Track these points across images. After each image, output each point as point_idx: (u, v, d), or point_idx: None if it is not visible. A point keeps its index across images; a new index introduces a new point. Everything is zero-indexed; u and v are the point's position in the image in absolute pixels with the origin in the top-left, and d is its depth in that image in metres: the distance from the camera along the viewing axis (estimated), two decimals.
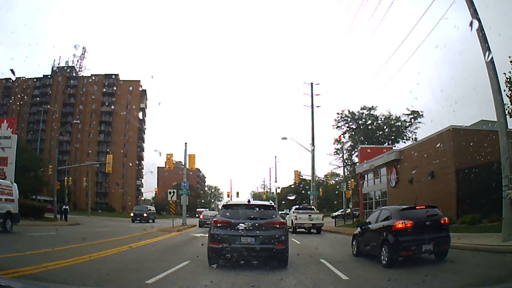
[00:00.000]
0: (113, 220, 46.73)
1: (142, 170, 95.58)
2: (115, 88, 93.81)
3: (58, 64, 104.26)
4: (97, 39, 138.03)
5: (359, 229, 12.15)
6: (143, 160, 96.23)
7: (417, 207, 10.36)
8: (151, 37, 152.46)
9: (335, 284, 7.70)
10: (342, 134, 52.39)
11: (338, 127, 52.22)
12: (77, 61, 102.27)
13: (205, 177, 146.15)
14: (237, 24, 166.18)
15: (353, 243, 12.20)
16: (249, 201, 10.34)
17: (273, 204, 10.75)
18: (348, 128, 52.48)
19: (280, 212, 25.63)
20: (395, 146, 51.63)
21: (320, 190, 74.98)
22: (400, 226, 9.53)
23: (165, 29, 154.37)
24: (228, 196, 77.25)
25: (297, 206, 29.26)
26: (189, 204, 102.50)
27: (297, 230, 24.66)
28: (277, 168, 79.37)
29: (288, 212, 31.84)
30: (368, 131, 50.82)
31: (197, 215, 66.64)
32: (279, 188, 78.37)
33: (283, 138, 35.39)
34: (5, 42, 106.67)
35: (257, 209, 9.73)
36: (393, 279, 7.88)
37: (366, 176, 36.73)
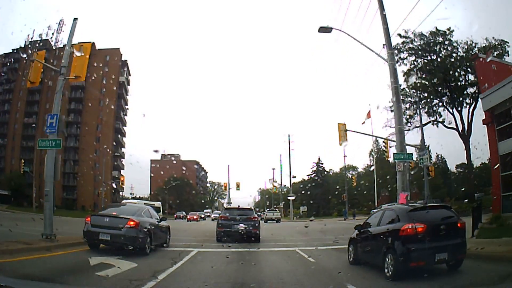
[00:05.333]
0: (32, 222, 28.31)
1: (122, 160, 77.42)
2: (89, 59, 76.09)
3: (32, 38, 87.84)
4: (78, 11, 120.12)
5: (356, 232, 10.33)
6: (123, 147, 78.07)
7: (429, 207, 9.04)
8: (146, 15, 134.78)
9: None
10: (406, 74, 32.77)
11: (399, 59, 32.63)
12: (52, 34, 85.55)
13: (206, 172, 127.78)
14: None
15: (350, 249, 10.48)
16: (239, 206, 18.64)
17: (252, 207, 21.17)
18: (414, 65, 32.95)
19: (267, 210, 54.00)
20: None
21: (353, 179, 55.78)
22: (409, 230, 7.79)
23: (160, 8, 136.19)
24: (225, 189, 58.94)
25: (269, 209, 54.42)
26: (183, 202, 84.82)
27: (268, 221, 43.41)
28: (291, 152, 60.97)
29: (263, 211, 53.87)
30: (445, 67, 31.76)
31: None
32: (294, 177, 59.83)
33: (323, 29, 15.80)
34: None
35: (243, 210, 17.07)
36: None
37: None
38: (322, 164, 67.32)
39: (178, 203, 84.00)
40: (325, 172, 69.75)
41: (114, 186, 79.35)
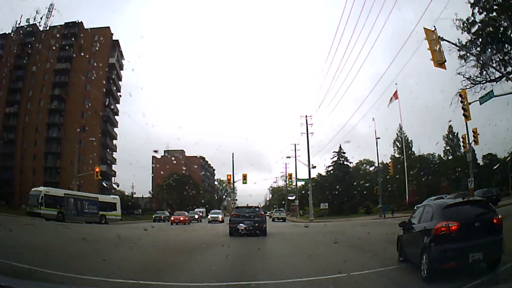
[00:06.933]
0: None
1: (113, 154, 68.05)
2: (75, 39, 67.48)
3: (19, 24, 79.84)
4: None
5: (402, 229, 9.99)
6: (115, 139, 68.64)
7: (465, 202, 8.32)
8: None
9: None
10: (472, 4, 22.47)
11: None
12: (41, 18, 77.39)
13: (214, 169, 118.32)
14: None
15: (398, 246, 10.23)
16: (247, 205, 21.04)
17: (259, 206, 24.35)
18: None
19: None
20: None
21: (389, 166, 45.15)
22: (443, 229, 7.41)
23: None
24: (229, 183, 49.26)
25: (276, 209, 61.25)
26: (184, 201, 74.88)
27: (274, 220, 47.94)
28: (309, 136, 50.91)
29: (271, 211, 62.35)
30: None
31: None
32: (314, 167, 50.01)
33: None
34: None
35: (251, 208, 19.96)
36: None
37: None
38: (344, 153, 56.75)
39: (178, 202, 74.66)
40: (347, 162, 58.99)
41: (115, 185, 70.82)
